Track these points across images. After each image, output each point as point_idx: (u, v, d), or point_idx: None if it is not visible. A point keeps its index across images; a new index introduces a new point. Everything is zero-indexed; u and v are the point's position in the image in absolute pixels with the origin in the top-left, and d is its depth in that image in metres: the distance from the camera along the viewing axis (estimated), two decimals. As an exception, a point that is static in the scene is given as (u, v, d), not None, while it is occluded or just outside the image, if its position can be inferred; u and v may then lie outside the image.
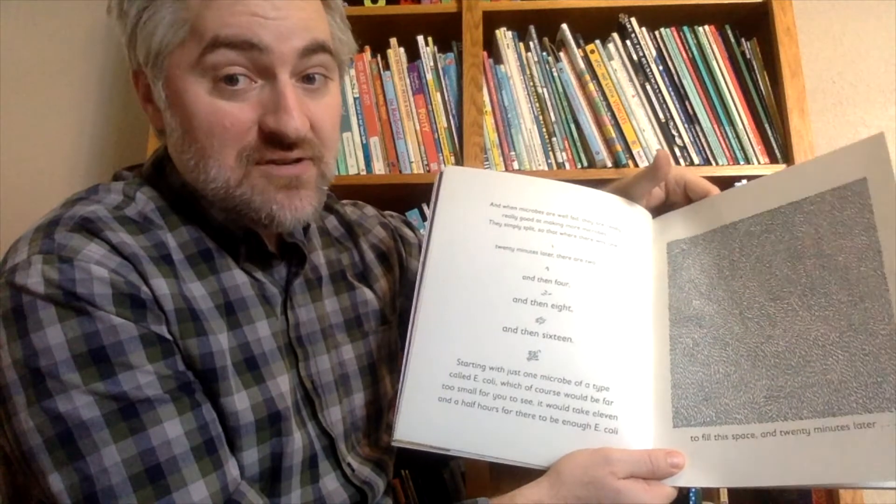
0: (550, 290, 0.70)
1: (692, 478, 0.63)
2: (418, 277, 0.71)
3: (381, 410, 0.80)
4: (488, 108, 1.45)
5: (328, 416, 0.72)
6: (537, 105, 1.45)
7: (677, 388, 0.67)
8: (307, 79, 0.66)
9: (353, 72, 1.49)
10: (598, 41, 1.46)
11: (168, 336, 0.61)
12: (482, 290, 0.70)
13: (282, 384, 0.68)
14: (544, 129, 1.44)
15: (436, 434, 0.66)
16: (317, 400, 0.72)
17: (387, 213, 0.95)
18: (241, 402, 0.64)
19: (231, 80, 0.62)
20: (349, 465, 0.73)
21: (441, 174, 0.75)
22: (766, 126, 1.41)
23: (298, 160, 0.66)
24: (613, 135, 1.41)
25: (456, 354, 0.67)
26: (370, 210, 0.93)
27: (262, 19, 0.62)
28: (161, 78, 0.65)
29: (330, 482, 0.71)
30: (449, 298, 0.70)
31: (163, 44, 0.63)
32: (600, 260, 0.71)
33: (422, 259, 0.72)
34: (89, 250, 0.59)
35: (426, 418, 0.67)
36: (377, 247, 0.87)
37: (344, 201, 0.92)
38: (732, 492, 1.32)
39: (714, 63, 1.44)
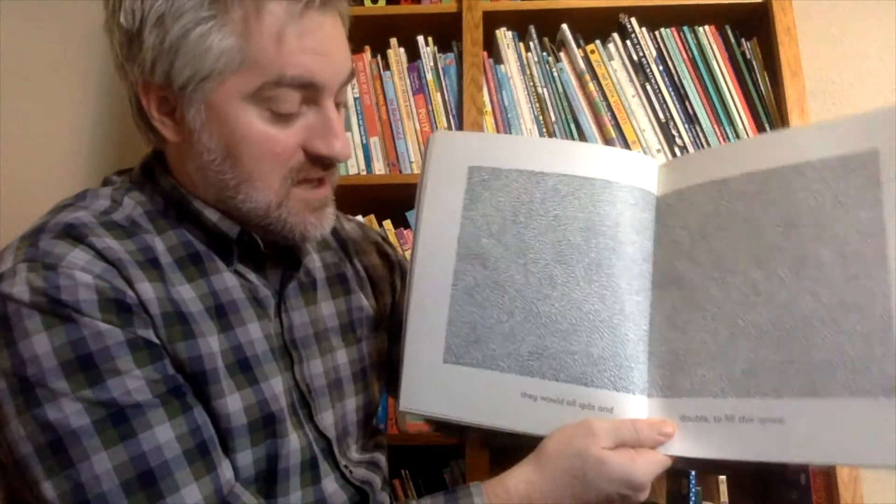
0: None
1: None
2: (412, 252, 0.73)
3: (370, 415, 0.81)
4: (488, 108, 1.45)
5: (322, 419, 0.72)
6: (537, 105, 1.46)
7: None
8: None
9: (353, 72, 1.49)
10: (598, 41, 1.46)
11: (156, 340, 0.61)
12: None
13: (275, 386, 0.67)
14: (544, 129, 1.45)
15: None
16: (311, 403, 0.72)
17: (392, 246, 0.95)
18: (233, 404, 0.64)
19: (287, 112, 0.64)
20: (346, 466, 0.73)
21: (428, 139, 0.75)
22: (766, 126, 1.41)
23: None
24: (613, 135, 1.42)
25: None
26: (374, 235, 0.92)
27: (320, 57, 0.63)
28: (201, 100, 0.63)
29: (329, 484, 0.70)
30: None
31: (215, 68, 0.62)
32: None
33: (414, 230, 0.74)
34: (73, 256, 0.59)
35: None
36: (370, 269, 0.87)
37: (349, 217, 0.92)
38: (732, 491, 1.33)
39: (714, 63, 1.44)
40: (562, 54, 1.48)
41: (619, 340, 0.65)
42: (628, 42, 1.46)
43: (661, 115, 1.43)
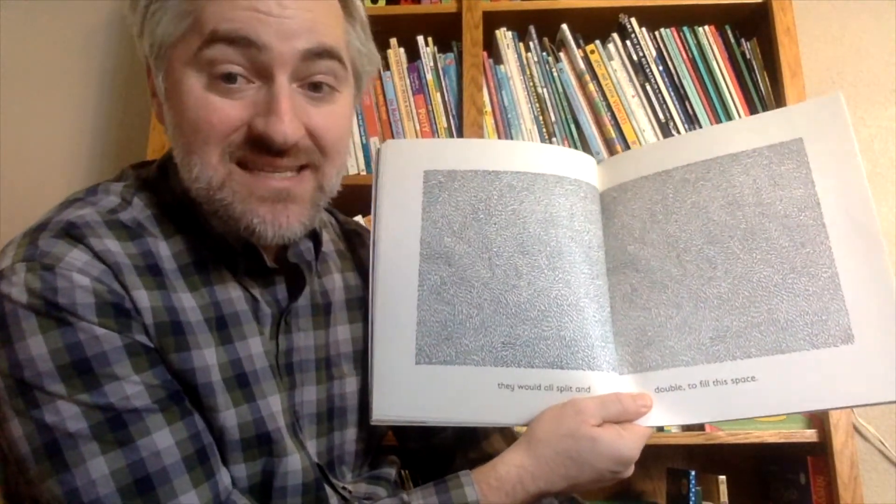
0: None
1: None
2: (371, 258, 0.71)
3: (372, 446, 0.78)
4: (488, 108, 1.45)
5: (307, 448, 0.69)
6: (537, 105, 1.45)
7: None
8: (314, 87, 0.63)
9: (353, 72, 1.49)
10: (598, 41, 1.46)
11: (152, 345, 0.60)
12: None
13: (273, 404, 0.65)
14: (544, 129, 1.44)
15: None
16: (300, 433, 0.69)
17: None
18: (228, 419, 0.62)
19: (228, 78, 0.60)
20: (344, 487, 0.71)
21: (379, 150, 0.75)
22: (766, 126, 1.41)
23: (299, 169, 0.64)
24: (613, 135, 1.42)
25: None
26: None
27: (264, 16, 0.60)
28: (162, 70, 0.64)
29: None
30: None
31: (165, 35, 0.62)
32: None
33: (372, 238, 0.72)
34: (72, 257, 0.58)
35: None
36: None
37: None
38: (732, 491, 1.33)
39: (714, 63, 1.44)
40: (562, 54, 1.48)
41: (588, 322, 0.67)
42: (628, 42, 1.46)
43: (661, 115, 1.43)
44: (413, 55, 1.51)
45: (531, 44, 1.48)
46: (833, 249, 0.63)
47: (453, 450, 0.82)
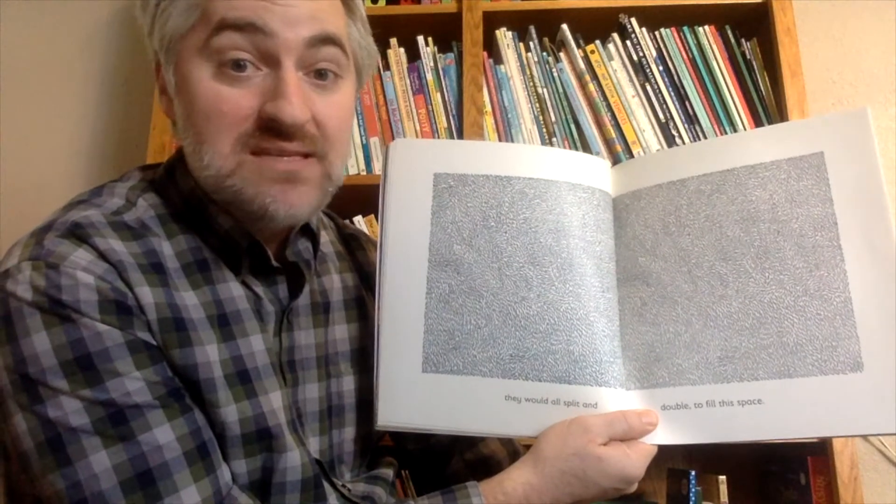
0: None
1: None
2: (378, 261, 0.70)
3: (370, 445, 0.78)
4: (488, 108, 1.45)
5: (309, 445, 0.70)
6: (537, 105, 1.46)
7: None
8: (318, 75, 0.66)
9: (353, 72, 1.49)
10: (598, 41, 1.46)
11: (155, 342, 0.61)
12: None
13: (274, 400, 0.66)
14: (544, 130, 1.45)
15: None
16: (300, 429, 0.69)
17: None
18: (229, 414, 0.63)
19: (236, 66, 0.62)
20: (343, 485, 0.71)
21: (388, 148, 0.74)
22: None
23: (305, 156, 0.65)
24: (613, 135, 1.42)
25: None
26: None
27: (270, 4, 0.62)
28: (172, 63, 0.65)
29: (333, 502, 0.68)
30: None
31: (175, 29, 0.64)
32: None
33: (379, 240, 0.71)
34: (76, 256, 0.59)
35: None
36: None
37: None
38: (732, 491, 1.33)
39: (714, 63, 1.44)
40: (562, 54, 1.48)
41: (597, 337, 0.67)
42: (628, 42, 1.46)
43: (661, 115, 1.43)
44: (413, 55, 1.51)
45: (531, 44, 1.48)
46: (848, 273, 0.62)
47: (450, 451, 0.83)
